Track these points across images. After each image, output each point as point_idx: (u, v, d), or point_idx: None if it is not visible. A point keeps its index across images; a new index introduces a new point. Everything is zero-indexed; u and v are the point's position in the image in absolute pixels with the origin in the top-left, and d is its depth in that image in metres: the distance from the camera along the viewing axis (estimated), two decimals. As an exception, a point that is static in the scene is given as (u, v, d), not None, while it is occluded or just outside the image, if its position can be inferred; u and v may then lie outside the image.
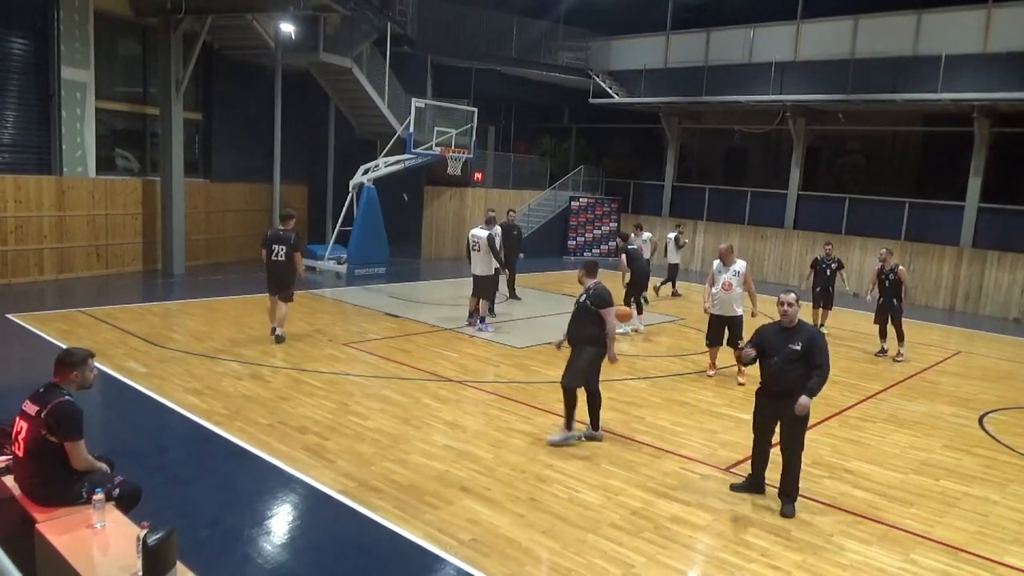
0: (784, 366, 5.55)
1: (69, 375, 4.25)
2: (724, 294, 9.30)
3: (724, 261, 9.39)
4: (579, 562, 4.82)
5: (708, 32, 21.12)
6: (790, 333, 5.65)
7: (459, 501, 5.61)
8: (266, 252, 9.94)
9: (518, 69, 22.60)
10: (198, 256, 16.60)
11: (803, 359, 5.51)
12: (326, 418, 7.25)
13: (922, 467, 6.97)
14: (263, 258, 10.03)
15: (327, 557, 4.78)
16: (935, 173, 21.07)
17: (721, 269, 9.37)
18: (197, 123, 16.97)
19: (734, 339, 9.18)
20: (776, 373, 5.61)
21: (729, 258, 9.40)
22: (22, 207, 13.22)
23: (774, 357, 5.62)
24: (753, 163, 25.13)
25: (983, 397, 9.67)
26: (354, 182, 16.55)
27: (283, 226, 10.04)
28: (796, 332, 5.64)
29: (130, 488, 4.33)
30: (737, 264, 9.33)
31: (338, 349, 10.00)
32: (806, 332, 5.65)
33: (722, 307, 9.37)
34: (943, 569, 5.03)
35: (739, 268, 9.29)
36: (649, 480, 6.23)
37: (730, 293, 9.28)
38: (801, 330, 5.66)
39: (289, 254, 9.85)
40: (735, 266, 9.31)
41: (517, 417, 7.64)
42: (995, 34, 16.36)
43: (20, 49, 13.28)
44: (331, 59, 16.75)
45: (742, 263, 9.39)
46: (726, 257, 9.41)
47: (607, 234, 23.88)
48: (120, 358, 8.84)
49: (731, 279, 9.27)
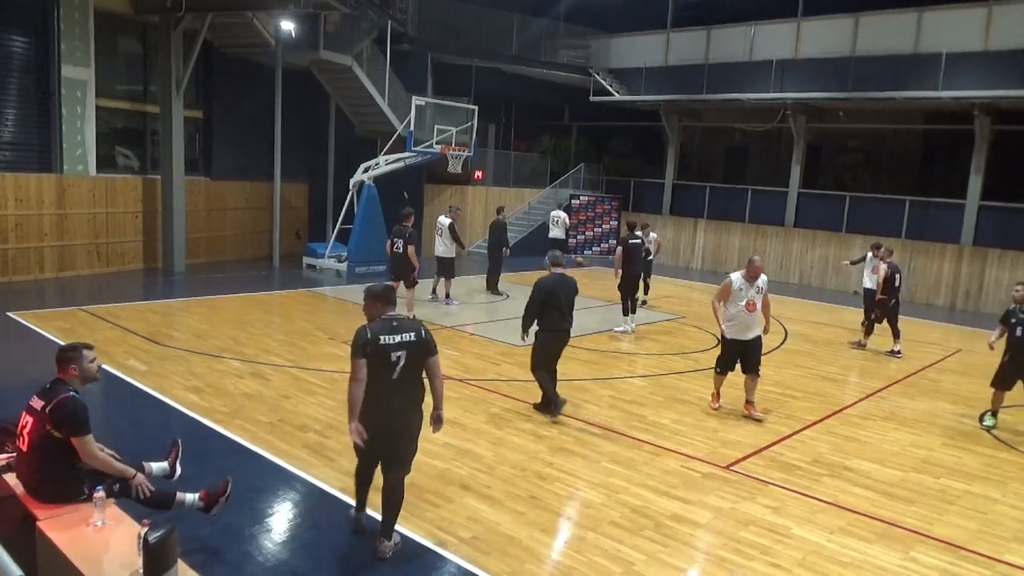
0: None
1: (69, 369, 4.25)
2: (747, 315, 7.87)
3: (750, 276, 7.90)
4: (579, 560, 4.83)
5: (709, 30, 21.09)
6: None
7: (459, 499, 5.61)
8: (390, 244, 11.53)
9: (518, 67, 22.58)
10: (199, 254, 16.61)
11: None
12: (327, 416, 7.25)
13: (922, 465, 6.97)
14: (387, 251, 11.72)
15: (327, 555, 4.78)
16: (936, 171, 21.05)
17: (744, 286, 7.88)
18: (197, 121, 16.96)
19: (754, 364, 7.99)
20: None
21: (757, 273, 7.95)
22: (23, 205, 13.22)
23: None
24: (753, 161, 25.12)
25: (984, 395, 9.63)
26: (354, 180, 16.55)
27: (403, 223, 11.48)
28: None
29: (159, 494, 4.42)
30: (761, 279, 7.91)
31: (339, 347, 9.99)
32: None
33: (742, 329, 7.94)
34: (943, 567, 5.03)
35: (763, 284, 7.91)
36: (650, 478, 6.23)
37: (754, 314, 7.90)
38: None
39: (404, 247, 11.26)
40: (759, 281, 7.89)
41: (517, 415, 7.64)
42: (996, 32, 16.34)
43: (20, 47, 13.27)
44: (331, 57, 16.73)
45: (765, 277, 8.00)
46: (755, 272, 7.91)
47: (607, 232, 23.88)
48: (121, 356, 8.85)
49: (756, 297, 7.88)
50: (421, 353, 4.62)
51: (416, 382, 4.67)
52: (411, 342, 4.58)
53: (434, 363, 4.68)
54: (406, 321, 4.72)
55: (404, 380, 4.59)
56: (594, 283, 17.42)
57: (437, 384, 4.72)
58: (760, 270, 7.92)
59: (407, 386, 4.62)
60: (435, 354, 4.69)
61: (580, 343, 11.05)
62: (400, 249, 11.39)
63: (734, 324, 7.92)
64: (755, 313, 7.89)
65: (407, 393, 4.63)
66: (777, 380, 9.74)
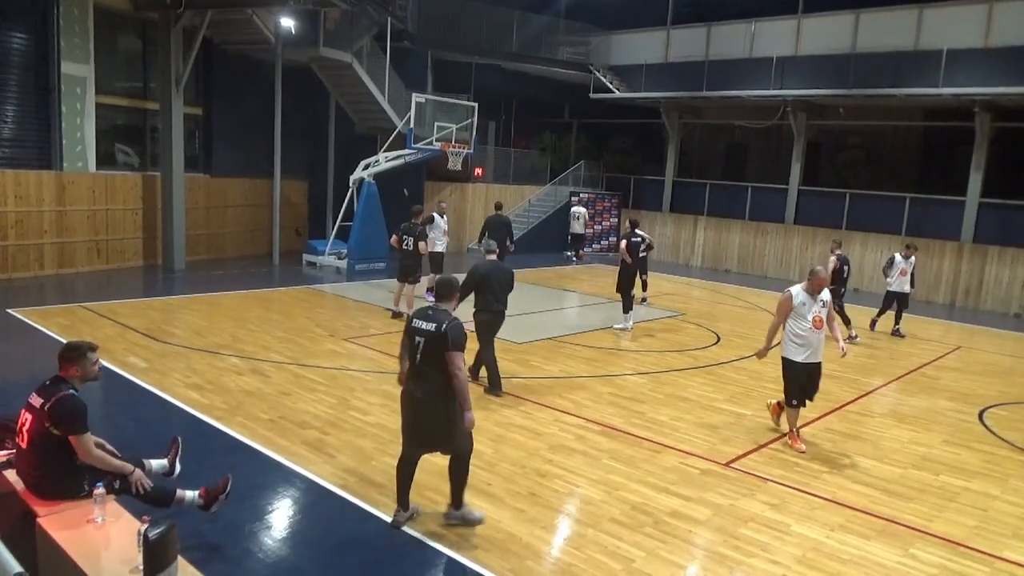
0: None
1: (70, 369, 4.25)
2: (816, 334, 6.96)
3: (812, 288, 7.00)
4: (579, 557, 4.83)
5: (709, 27, 21.08)
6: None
7: (459, 496, 5.61)
8: (397, 241, 11.66)
9: (518, 64, 22.57)
10: (198, 251, 16.61)
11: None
12: (327, 413, 7.26)
13: (922, 462, 6.98)
14: (395, 246, 11.81)
15: (327, 552, 4.79)
16: (936, 168, 21.06)
17: (807, 300, 6.96)
18: (197, 118, 16.95)
19: (813, 391, 7.22)
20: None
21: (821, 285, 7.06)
22: (22, 202, 13.22)
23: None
24: (754, 158, 25.11)
25: (983, 392, 9.67)
26: (354, 177, 16.55)
27: (414, 220, 11.69)
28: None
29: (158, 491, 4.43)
30: (824, 292, 7.07)
31: (339, 344, 10.00)
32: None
33: (813, 351, 7.01)
34: (943, 563, 5.04)
35: (827, 297, 7.09)
36: (649, 475, 6.24)
37: (822, 332, 7.02)
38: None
39: (415, 244, 11.52)
40: (823, 295, 7.04)
41: (517, 412, 7.65)
42: (996, 28, 16.32)
43: (20, 44, 13.26)
44: (331, 54, 16.72)
45: (826, 290, 7.16)
46: (818, 285, 7.01)
47: (607, 229, 23.88)
48: (121, 353, 8.85)
49: (821, 312, 6.99)
50: (438, 345, 4.79)
51: (438, 372, 4.82)
52: (431, 332, 4.84)
53: (450, 358, 4.78)
54: (441, 313, 5.00)
55: (425, 367, 4.85)
56: (594, 280, 17.43)
57: (452, 380, 4.80)
58: (824, 283, 7.08)
59: (427, 373, 4.85)
60: (452, 350, 4.78)
61: (581, 340, 11.06)
62: (410, 247, 11.55)
63: (804, 346, 6.98)
64: (823, 331, 7.03)
65: (427, 380, 4.84)
66: (776, 377, 9.71)
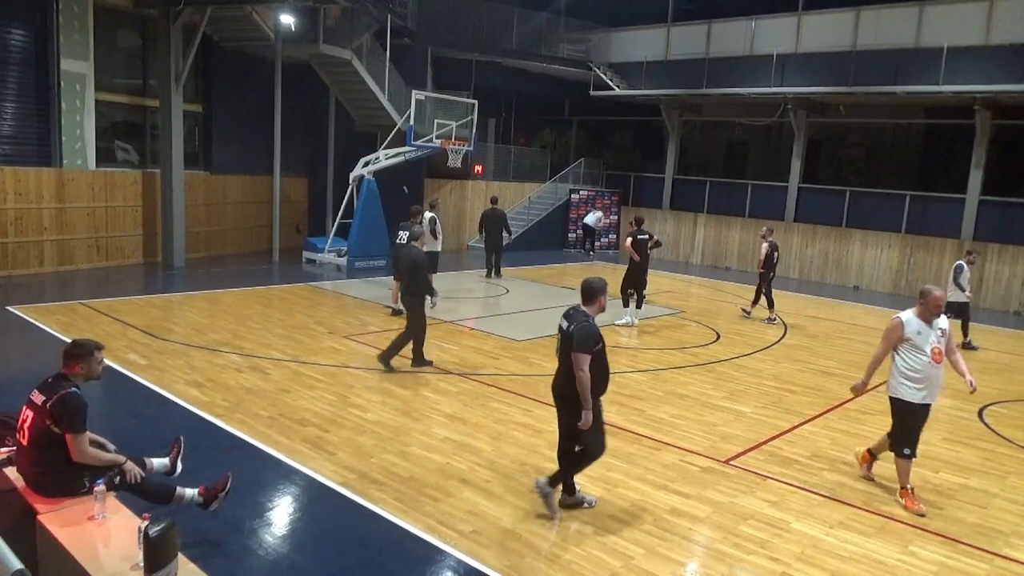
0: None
1: (75, 367, 4.25)
2: (935, 369, 5.74)
3: (928, 313, 5.76)
4: (579, 554, 4.84)
5: (709, 24, 21.05)
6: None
7: (459, 493, 5.62)
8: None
9: (519, 61, 22.54)
10: (198, 248, 16.61)
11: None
12: (326, 410, 7.27)
13: (921, 459, 6.95)
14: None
15: (327, 549, 4.79)
16: (936, 166, 21.06)
17: (922, 328, 5.74)
18: (197, 115, 16.95)
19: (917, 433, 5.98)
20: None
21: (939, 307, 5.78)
22: (22, 199, 13.21)
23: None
24: (754, 156, 25.09)
25: (983, 390, 9.57)
26: (354, 175, 16.54)
27: (413, 219, 11.60)
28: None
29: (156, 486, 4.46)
30: (942, 318, 5.84)
31: (338, 342, 10.01)
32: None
33: (931, 390, 5.81)
34: (942, 561, 5.04)
35: (945, 324, 5.85)
36: (648, 472, 6.25)
37: (941, 366, 5.80)
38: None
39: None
40: (941, 321, 5.82)
41: (517, 410, 7.65)
42: (997, 26, 16.30)
43: (20, 41, 13.24)
44: (331, 51, 16.70)
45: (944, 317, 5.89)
46: (935, 306, 5.74)
47: (607, 227, 23.87)
48: (121, 350, 8.85)
49: (940, 342, 5.76)
50: (567, 343, 5.15)
51: (566, 368, 5.18)
52: (564, 330, 5.22)
53: (574, 358, 5.05)
54: (577, 313, 5.28)
55: (561, 361, 5.30)
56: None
57: (575, 378, 5.05)
58: (941, 304, 5.76)
59: (562, 368, 5.29)
60: (577, 351, 5.05)
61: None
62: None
63: (921, 384, 5.75)
64: (943, 365, 5.80)
65: (560, 374, 5.31)
66: (775, 374, 9.75)
